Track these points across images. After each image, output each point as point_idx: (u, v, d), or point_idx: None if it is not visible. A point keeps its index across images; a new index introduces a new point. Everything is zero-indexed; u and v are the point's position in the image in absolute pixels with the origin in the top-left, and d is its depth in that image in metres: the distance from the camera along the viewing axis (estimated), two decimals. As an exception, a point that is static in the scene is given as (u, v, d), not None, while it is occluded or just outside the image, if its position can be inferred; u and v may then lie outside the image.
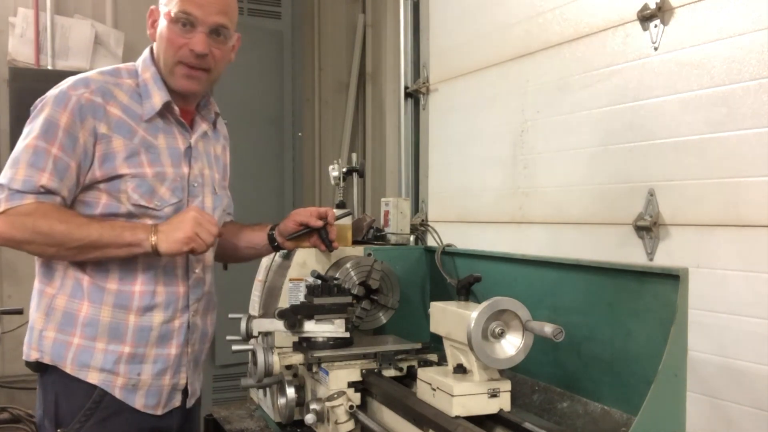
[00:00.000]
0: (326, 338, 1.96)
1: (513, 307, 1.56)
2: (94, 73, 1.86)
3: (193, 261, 1.92)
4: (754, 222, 2.15)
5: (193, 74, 1.87)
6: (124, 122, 1.81)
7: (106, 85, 1.82)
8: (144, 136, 1.83)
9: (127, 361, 1.82)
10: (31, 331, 1.86)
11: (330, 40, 4.99)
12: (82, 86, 1.79)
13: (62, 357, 1.80)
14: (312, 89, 4.93)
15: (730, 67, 2.22)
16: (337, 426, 1.78)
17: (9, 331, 3.94)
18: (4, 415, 3.77)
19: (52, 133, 1.74)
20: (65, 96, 1.77)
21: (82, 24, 4.22)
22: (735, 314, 2.20)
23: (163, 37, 1.86)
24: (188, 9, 1.81)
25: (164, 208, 1.84)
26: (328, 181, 2.92)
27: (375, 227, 2.67)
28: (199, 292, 1.94)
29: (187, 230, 1.75)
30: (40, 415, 1.86)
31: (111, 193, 1.79)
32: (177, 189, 1.87)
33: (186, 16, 1.81)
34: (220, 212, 2.03)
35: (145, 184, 1.81)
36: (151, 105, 1.85)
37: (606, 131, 2.69)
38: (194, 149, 1.94)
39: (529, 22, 3.11)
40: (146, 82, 1.87)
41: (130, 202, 1.80)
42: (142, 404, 1.86)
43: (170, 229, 1.76)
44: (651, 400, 1.42)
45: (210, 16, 1.83)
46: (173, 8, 1.82)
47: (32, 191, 1.71)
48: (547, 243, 2.97)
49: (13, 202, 1.70)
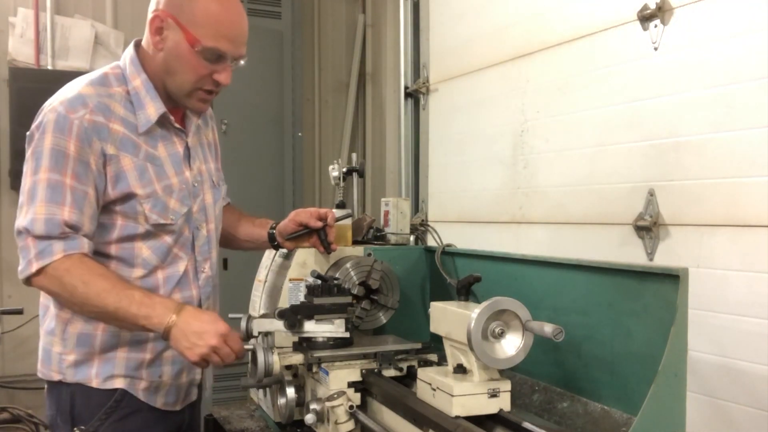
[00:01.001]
0: (326, 338, 1.96)
1: (513, 307, 1.56)
2: (84, 86, 1.76)
3: (201, 262, 1.92)
4: (754, 222, 2.15)
5: (209, 98, 1.85)
6: (128, 138, 1.77)
7: (102, 100, 1.75)
8: (146, 149, 1.80)
9: (148, 365, 1.84)
10: (47, 352, 1.83)
11: (330, 40, 4.99)
12: (80, 107, 1.71)
13: (87, 375, 1.79)
14: (312, 89, 4.93)
15: (730, 67, 2.22)
16: (337, 426, 1.78)
17: (9, 331, 3.94)
18: (4, 415, 3.77)
19: (63, 163, 1.68)
20: (66, 121, 1.69)
21: (82, 24, 4.22)
22: (735, 314, 2.20)
23: (184, 62, 1.76)
24: (224, 48, 1.75)
25: (177, 221, 1.84)
26: (328, 181, 2.92)
27: (375, 227, 2.67)
28: (209, 289, 1.96)
29: (209, 342, 1.67)
30: (51, 414, 1.84)
31: (128, 214, 1.77)
32: (184, 197, 1.87)
33: (219, 53, 1.75)
34: (220, 204, 2.05)
35: (159, 202, 1.79)
36: (146, 117, 1.80)
37: (606, 131, 2.69)
38: (192, 149, 1.93)
39: (529, 22, 3.11)
40: (137, 91, 1.80)
41: (149, 223, 1.78)
42: (162, 403, 1.87)
43: (190, 332, 1.68)
44: (651, 400, 1.41)
45: (239, 49, 1.79)
46: (204, 40, 1.72)
47: (57, 234, 1.67)
48: (547, 243, 2.98)
49: (44, 260, 1.66)
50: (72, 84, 1.79)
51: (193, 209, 1.90)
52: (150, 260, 1.81)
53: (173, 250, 1.85)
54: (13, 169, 3.96)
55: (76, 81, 1.80)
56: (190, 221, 1.90)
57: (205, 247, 1.95)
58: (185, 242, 1.88)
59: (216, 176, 2.04)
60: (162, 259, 1.83)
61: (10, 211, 3.94)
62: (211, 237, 1.98)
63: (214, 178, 2.02)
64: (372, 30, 4.92)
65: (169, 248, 1.84)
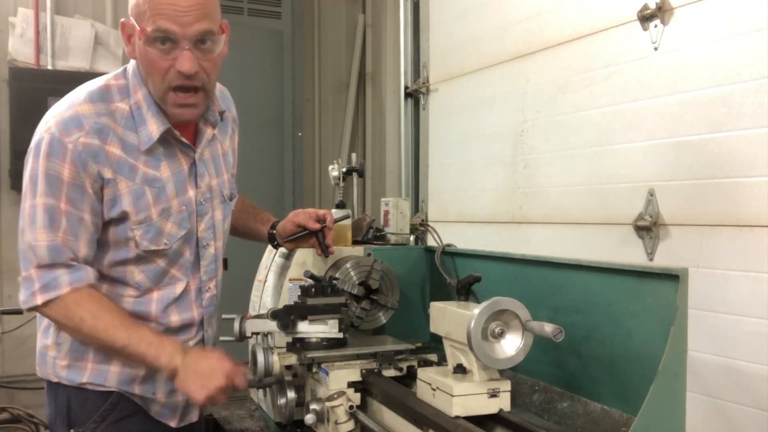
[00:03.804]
0: (320, 339, 1.96)
1: (513, 307, 1.56)
2: (82, 101, 1.67)
3: (206, 281, 1.88)
4: (754, 222, 2.15)
5: (187, 101, 1.69)
6: (125, 161, 1.69)
7: (100, 120, 1.66)
8: (145, 171, 1.72)
9: (141, 382, 1.81)
10: (42, 356, 1.82)
11: (330, 40, 4.99)
12: (75, 129, 1.63)
13: (79, 380, 1.78)
14: (312, 89, 4.93)
15: (730, 67, 2.22)
16: (337, 426, 1.78)
17: (9, 331, 3.94)
18: (4, 415, 3.77)
19: (57, 188, 1.63)
20: (61, 146, 1.62)
21: (82, 24, 4.22)
22: (735, 314, 2.20)
23: (144, 60, 1.66)
24: (164, 25, 1.59)
25: (173, 245, 1.79)
26: (328, 181, 2.92)
27: (375, 227, 2.67)
28: (211, 309, 1.93)
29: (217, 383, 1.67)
30: (50, 415, 1.84)
31: (119, 239, 1.73)
32: (183, 220, 1.80)
33: (163, 34, 1.60)
34: (228, 219, 1.99)
35: (153, 228, 1.73)
36: (147, 134, 1.71)
37: (606, 131, 2.69)
38: (199, 163, 1.83)
39: (529, 22, 3.11)
40: (139, 106, 1.71)
41: (140, 248, 1.74)
42: (157, 412, 1.85)
43: (198, 372, 1.68)
44: (651, 400, 1.41)
45: (190, 27, 1.60)
46: (148, 26, 1.60)
47: (63, 261, 1.65)
48: (547, 243, 2.97)
49: (49, 293, 1.64)
50: (71, 96, 1.72)
51: (199, 228, 1.84)
52: (143, 283, 1.78)
53: (169, 272, 1.81)
54: (13, 169, 3.96)
55: (76, 92, 1.72)
56: (191, 242, 1.83)
57: (212, 266, 1.89)
58: (184, 264, 1.83)
59: (228, 189, 1.95)
60: (156, 282, 1.80)
61: (9, 211, 3.94)
62: (219, 255, 1.92)
63: (225, 193, 1.93)
64: (372, 30, 4.92)
65: (162, 271, 1.80)
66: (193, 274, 1.86)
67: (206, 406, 1.73)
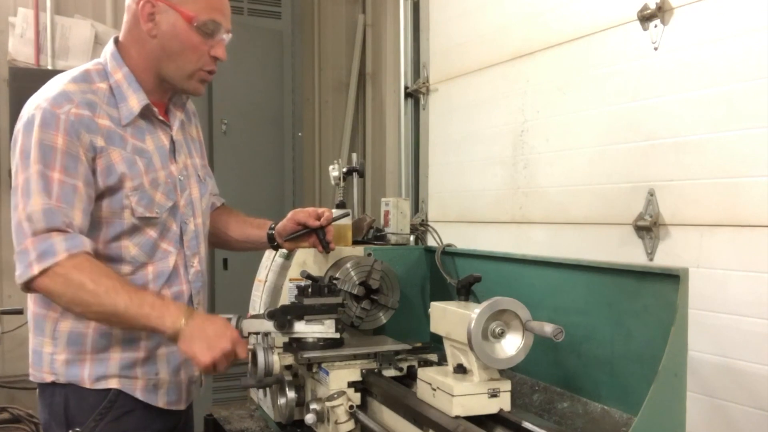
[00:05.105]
0: (316, 339, 1.96)
1: (513, 307, 1.56)
2: (66, 83, 1.75)
3: (189, 257, 1.91)
4: (754, 222, 2.15)
5: (208, 79, 1.88)
6: (115, 132, 1.76)
7: (86, 96, 1.73)
8: (134, 142, 1.79)
9: (142, 364, 1.82)
10: (37, 354, 1.81)
11: (330, 40, 4.99)
12: (65, 102, 1.69)
13: (78, 375, 1.77)
14: (312, 89, 4.93)
15: (730, 67, 2.22)
16: (337, 426, 1.78)
17: (9, 331, 3.95)
18: (4, 415, 3.78)
19: (51, 157, 1.66)
20: (53, 116, 1.67)
21: (82, 24, 4.22)
22: (735, 314, 2.20)
23: (183, 42, 1.79)
24: (217, 18, 1.80)
25: (162, 214, 1.83)
26: (328, 181, 2.92)
27: (375, 227, 2.67)
28: (198, 285, 1.95)
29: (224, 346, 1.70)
30: (45, 420, 1.83)
31: (114, 211, 1.75)
32: (170, 191, 1.85)
33: (215, 25, 1.80)
34: (207, 199, 2.03)
35: (146, 195, 1.78)
36: (128, 109, 1.79)
37: (606, 131, 2.69)
38: (177, 142, 1.92)
39: (529, 21, 3.11)
40: (119, 84, 1.80)
41: (135, 216, 1.77)
42: (164, 402, 1.86)
43: (205, 335, 1.69)
44: (651, 400, 1.41)
45: (228, 22, 1.85)
46: (199, 14, 1.77)
47: (59, 225, 1.64)
48: (547, 243, 2.98)
49: (46, 261, 1.62)
50: (53, 81, 1.77)
51: (180, 203, 1.89)
52: (138, 257, 1.80)
53: (161, 245, 1.84)
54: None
55: (57, 78, 1.78)
56: (176, 215, 1.88)
57: (194, 242, 1.93)
58: (173, 237, 1.87)
59: (202, 171, 2.03)
60: (149, 255, 1.82)
61: (9, 211, 3.93)
62: (199, 231, 1.96)
63: (200, 173, 2.01)
64: (372, 30, 4.92)
65: (154, 243, 1.82)
66: (178, 250, 1.89)
67: (209, 371, 1.73)
